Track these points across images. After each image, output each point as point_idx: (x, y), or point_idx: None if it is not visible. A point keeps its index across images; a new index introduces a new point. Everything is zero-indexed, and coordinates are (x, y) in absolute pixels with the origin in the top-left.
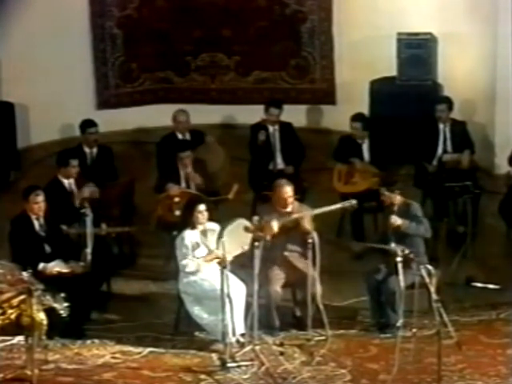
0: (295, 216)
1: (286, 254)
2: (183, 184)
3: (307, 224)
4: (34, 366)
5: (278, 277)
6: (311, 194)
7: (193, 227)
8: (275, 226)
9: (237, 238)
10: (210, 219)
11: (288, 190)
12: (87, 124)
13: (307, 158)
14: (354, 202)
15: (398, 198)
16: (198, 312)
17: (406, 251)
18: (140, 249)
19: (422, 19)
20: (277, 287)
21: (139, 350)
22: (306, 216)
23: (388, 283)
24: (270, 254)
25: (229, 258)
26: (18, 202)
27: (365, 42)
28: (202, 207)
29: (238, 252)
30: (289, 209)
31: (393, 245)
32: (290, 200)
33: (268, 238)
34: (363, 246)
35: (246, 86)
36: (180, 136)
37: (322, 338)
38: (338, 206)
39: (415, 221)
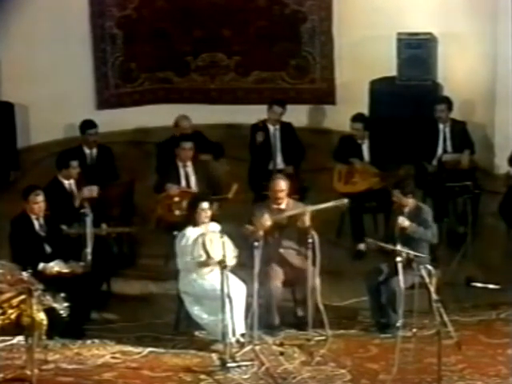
0: (288, 214)
1: (282, 251)
2: (183, 183)
3: (307, 221)
4: (33, 366)
5: (278, 273)
6: (311, 194)
7: (195, 225)
8: (267, 219)
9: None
10: (211, 219)
11: (281, 184)
12: (87, 125)
13: (307, 158)
14: (345, 200)
15: (410, 201)
16: (197, 312)
17: (411, 253)
18: (140, 249)
19: (422, 19)
20: (277, 282)
21: (139, 350)
22: (302, 213)
23: (388, 283)
24: (266, 251)
25: (229, 262)
26: (18, 202)
27: (365, 42)
28: (205, 205)
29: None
30: (282, 206)
31: (399, 246)
32: (282, 195)
33: (261, 233)
34: (374, 244)
35: (246, 86)
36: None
37: (322, 338)
38: (331, 204)
39: (424, 225)
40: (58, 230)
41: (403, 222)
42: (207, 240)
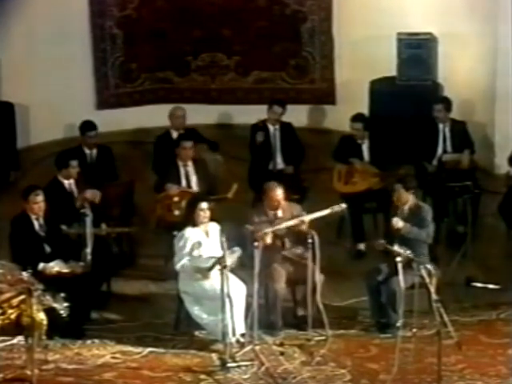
0: (286, 225)
1: (284, 253)
2: (184, 183)
3: (305, 227)
4: (33, 366)
5: (281, 273)
6: (311, 193)
7: (194, 225)
8: (268, 238)
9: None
10: (211, 219)
11: (279, 193)
12: (87, 127)
13: (307, 158)
14: (343, 206)
15: (410, 198)
16: (198, 312)
17: (411, 254)
18: (140, 249)
19: (422, 19)
20: (282, 284)
21: (139, 350)
22: (299, 221)
23: (389, 283)
24: (269, 254)
25: (228, 262)
26: (18, 201)
27: (365, 42)
28: (203, 205)
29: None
30: (279, 212)
31: (396, 246)
32: (279, 203)
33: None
34: (382, 246)
35: (245, 86)
36: (175, 134)
37: (322, 338)
38: (328, 211)
39: (421, 224)
40: (58, 230)
41: (397, 223)
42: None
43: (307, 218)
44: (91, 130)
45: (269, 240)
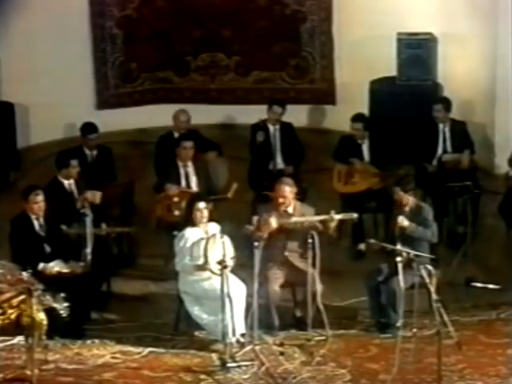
0: (294, 220)
1: (287, 253)
2: (183, 183)
3: (319, 225)
4: (33, 366)
5: (277, 276)
6: (311, 194)
7: (193, 225)
8: (273, 222)
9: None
10: (211, 219)
11: (285, 189)
12: (88, 129)
13: (307, 158)
14: (355, 215)
15: (410, 199)
16: (197, 312)
17: (412, 253)
18: (140, 249)
19: (422, 19)
20: (275, 286)
21: (139, 350)
22: (308, 219)
23: (389, 283)
24: (270, 253)
25: (229, 262)
26: (18, 202)
27: (365, 42)
28: (201, 205)
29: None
30: (290, 209)
31: (398, 246)
32: (285, 200)
33: (266, 235)
34: (376, 245)
35: (245, 86)
36: (177, 135)
37: (322, 338)
38: (339, 216)
39: (424, 224)
40: (58, 229)
41: (402, 221)
42: (210, 244)
43: (316, 218)
44: (92, 132)
45: (274, 224)
